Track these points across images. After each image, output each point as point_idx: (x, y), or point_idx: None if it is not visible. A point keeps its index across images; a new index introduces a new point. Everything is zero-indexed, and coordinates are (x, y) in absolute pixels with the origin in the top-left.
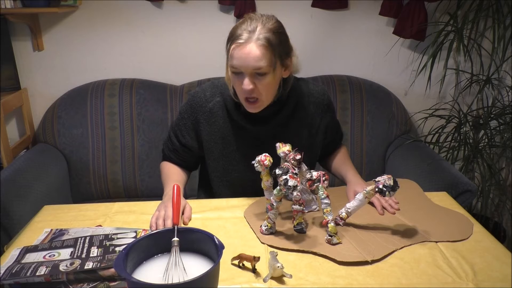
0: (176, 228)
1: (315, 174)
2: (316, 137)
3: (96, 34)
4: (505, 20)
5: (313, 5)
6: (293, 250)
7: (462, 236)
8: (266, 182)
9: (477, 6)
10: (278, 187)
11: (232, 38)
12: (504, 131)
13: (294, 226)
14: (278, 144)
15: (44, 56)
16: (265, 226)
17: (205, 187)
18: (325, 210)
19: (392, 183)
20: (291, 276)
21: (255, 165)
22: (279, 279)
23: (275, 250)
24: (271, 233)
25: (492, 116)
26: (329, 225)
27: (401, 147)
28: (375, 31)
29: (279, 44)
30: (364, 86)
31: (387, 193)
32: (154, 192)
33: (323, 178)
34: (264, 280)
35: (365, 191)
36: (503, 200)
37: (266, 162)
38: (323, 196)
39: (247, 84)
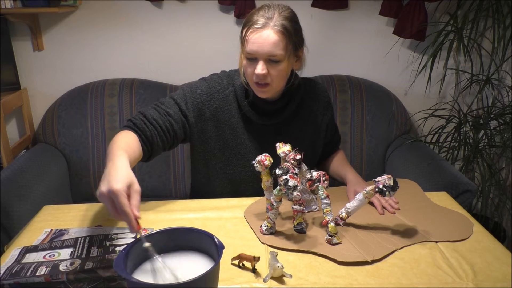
0: (142, 234)
1: (315, 174)
2: (319, 135)
3: (96, 34)
4: (505, 20)
5: (313, 5)
6: (293, 250)
7: (462, 236)
8: (266, 182)
9: (477, 6)
10: (278, 187)
11: (249, 23)
12: (504, 131)
13: (294, 226)
14: (278, 144)
15: (44, 56)
16: (265, 226)
17: (198, 195)
18: (325, 210)
19: (392, 183)
20: (291, 276)
21: (255, 165)
22: (279, 279)
23: (275, 250)
24: (271, 233)
25: (492, 116)
26: (329, 225)
27: (401, 147)
28: (375, 31)
29: (294, 33)
30: (364, 86)
31: (387, 193)
32: (154, 192)
33: (323, 178)
34: (264, 280)
35: (365, 191)
36: (503, 200)
37: (266, 162)
38: (323, 196)
39: (260, 68)
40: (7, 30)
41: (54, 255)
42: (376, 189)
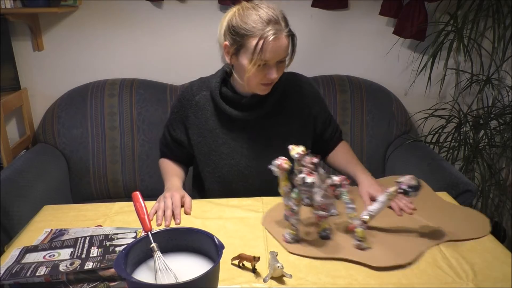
0: (150, 234)
1: (336, 178)
2: (307, 128)
3: (96, 34)
4: (505, 20)
5: (313, 5)
6: (325, 258)
7: (484, 232)
8: (284, 187)
9: (477, 6)
10: (295, 190)
11: (256, 33)
12: (504, 131)
13: (319, 232)
14: (291, 146)
15: (44, 56)
16: (289, 235)
17: (198, 187)
18: (351, 215)
19: (415, 183)
20: (291, 276)
21: (273, 169)
22: (279, 279)
23: (275, 250)
24: (297, 241)
25: (492, 116)
26: (357, 230)
27: (401, 147)
28: (375, 31)
29: None
30: (364, 86)
31: (411, 193)
32: (154, 192)
33: (345, 182)
34: (264, 280)
35: (387, 193)
36: (503, 200)
37: (285, 166)
38: (348, 201)
39: (275, 73)
40: (7, 30)
41: (54, 255)
42: (400, 190)
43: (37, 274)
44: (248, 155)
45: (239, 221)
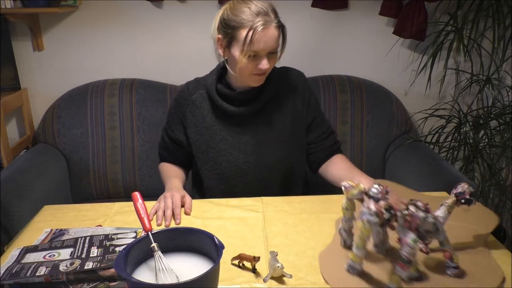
0: (150, 233)
1: (420, 204)
2: (300, 121)
3: (96, 34)
4: (505, 20)
5: (313, 5)
6: None
7: (493, 224)
8: (366, 235)
9: (477, 6)
10: (413, 236)
11: (245, 24)
12: (504, 131)
13: (410, 275)
14: (346, 184)
15: (44, 56)
16: None
17: (197, 186)
18: (444, 242)
19: (473, 190)
20: (291, 276)
21: (370, 219)
22: (279, 279)
23: (275, 250)
24: None
25: (492, 116)
26: (455, 256)
27: (401, 147)
28: (375, 31)
29: None
30: (364, 86)
31: (473, 201)
32: (154, 192)
33: (429, 206)
34: (264, 280)
35: (447, 205)
36: (503, 200)
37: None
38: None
39: (267, 63)
40: (7, 30)
41: (54, 255)
42: (463, 200)
43: (37, 274)
44: (246, 150)
45: (239, 221)
